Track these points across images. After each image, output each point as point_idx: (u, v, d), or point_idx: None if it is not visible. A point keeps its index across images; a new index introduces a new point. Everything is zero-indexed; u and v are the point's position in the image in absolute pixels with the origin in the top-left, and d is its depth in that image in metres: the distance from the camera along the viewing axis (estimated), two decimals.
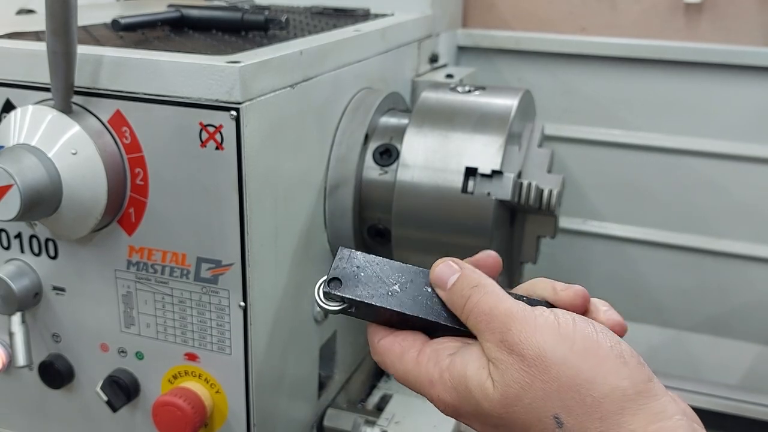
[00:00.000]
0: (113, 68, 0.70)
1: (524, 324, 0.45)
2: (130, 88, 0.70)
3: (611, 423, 0.42)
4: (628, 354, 0.44)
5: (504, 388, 0.44)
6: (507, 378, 0.44)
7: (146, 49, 0.74)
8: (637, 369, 0.43)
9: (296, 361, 0.86)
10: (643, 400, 0.42)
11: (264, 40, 0.84)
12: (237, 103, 0.67)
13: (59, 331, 0.82)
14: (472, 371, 0.46)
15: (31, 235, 0.79)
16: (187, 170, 0.70)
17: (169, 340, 0.77)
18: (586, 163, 1.37)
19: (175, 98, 0.69)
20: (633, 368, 0.43)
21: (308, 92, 0.79)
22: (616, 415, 0.42)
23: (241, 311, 0.73)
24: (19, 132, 0.70)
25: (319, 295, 0.53)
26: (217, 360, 0.76)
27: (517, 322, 0.45)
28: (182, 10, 0.91)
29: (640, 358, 0.44)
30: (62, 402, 0.85)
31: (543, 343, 0.44)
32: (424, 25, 1.17)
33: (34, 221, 0.77)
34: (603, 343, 0.44)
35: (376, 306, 0.52)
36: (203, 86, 0.68)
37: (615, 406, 0.42)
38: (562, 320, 0.45)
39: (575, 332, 0.44)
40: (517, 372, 0.44)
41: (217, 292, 0.74)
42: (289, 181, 0.78)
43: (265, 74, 0.71)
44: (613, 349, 0.44)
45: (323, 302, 0.53)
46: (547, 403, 0.43)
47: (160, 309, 0.76)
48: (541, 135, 0.94)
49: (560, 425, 0.43)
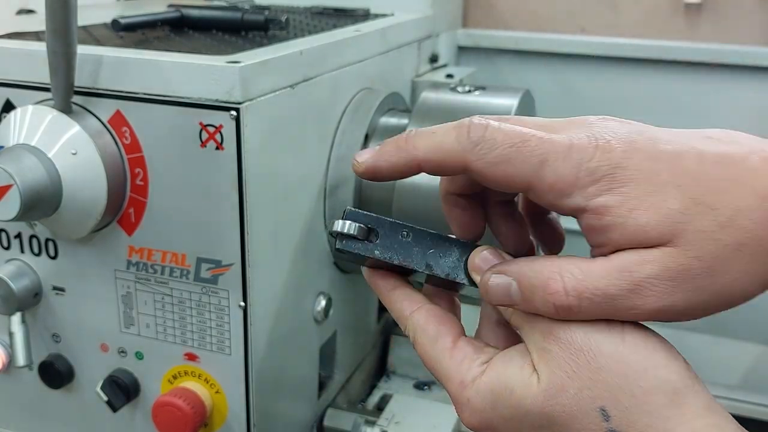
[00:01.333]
0: (113, 68, 0.70)
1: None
2: (130, 88, 0.70)
3: (659, 417, 0.39)
4: (676, 351, 0.42)
5: (549, 377, 0.41)
6: (553, 366, 0.41)
7: (146, 49, 0.74)
8: (685, 365, 0.41)
9: (296, 361, 0.86)
10: (692, 395, 0.40)
11: (264, 40, 0.84)
12: (237, 103, 0.67)
13: (59, 332, 0.82)
14: (515, 368, 0.43)
15: (31, 235, 0.79)
16: (187, 170, 0.70)
17: (168, 340, 0.77)
18: None
19: (175, 98, 0.69)
20: (681, 363, 0.41)
21: (308, 92, 0.79)
22: (665, 409, 0.39)
23: (241, 311, 0.73)
24: (19, 132, 0.70)
25: (338, 220, 0.47)
26: (217, 360, 0.76)
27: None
28: (182, 10, 0.91)
29: (684, 358, 0.42)
30: (62, 402, 0.85)
31: (592, 332, 0.41)
32: (424, 26, 1.17)
33: (34, 221, 0.77)
34: (651, 338, 0.41)
35: (412, 228, 0.46)
36: (203, 86, 0.68)
37: (664, 399, 0.39)
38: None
39: (624, 327, 0.42)
40: (564, 360, 0.41)
41: (216, 292, 0.74)
42: (289, 181, 0.78)
43: (265, 74, 0.71)
44: (663, 345, 0.42)
45: (340, 222, 0.46)
46: (594, 392, 0.40)
47: (159, 309, 0.76)
48: None
49: (607, 418, 0.40)
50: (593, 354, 0.41)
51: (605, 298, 0.40)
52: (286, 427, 0.86)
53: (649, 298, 0.39)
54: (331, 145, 0.87)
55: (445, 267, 0.47)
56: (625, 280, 0.39)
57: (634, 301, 0.39)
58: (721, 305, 0.40)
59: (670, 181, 0.39)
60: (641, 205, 0.39)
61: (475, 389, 0.44)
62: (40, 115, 0.70)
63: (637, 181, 0.39)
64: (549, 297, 0.41)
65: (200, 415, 0.76)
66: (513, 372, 0.43)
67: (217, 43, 0.81)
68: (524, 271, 0.43)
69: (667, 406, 0.39)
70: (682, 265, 0.38)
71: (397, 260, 0.47)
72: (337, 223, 0.47)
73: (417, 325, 0.47)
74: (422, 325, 0.47)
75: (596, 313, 0.40)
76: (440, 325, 0.47)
